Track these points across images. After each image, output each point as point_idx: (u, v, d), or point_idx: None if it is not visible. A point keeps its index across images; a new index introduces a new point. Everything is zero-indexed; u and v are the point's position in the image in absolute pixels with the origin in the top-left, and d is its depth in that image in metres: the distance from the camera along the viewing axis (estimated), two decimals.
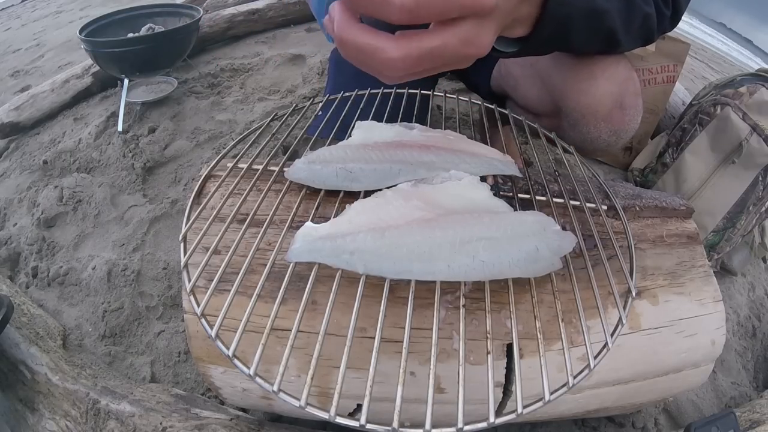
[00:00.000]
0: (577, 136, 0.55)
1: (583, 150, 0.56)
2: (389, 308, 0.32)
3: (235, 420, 0.52)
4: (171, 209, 0.93)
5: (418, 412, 0.31)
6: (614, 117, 0.52)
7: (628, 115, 0.52)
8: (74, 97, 1.24)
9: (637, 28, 0.45)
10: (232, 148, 0.50)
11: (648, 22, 0.46)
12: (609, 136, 0.53)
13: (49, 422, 0.55)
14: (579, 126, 0.54)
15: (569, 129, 0.55)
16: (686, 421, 0.64)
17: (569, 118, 0.54)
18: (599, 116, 0.52)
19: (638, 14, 0.44)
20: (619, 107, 0.51)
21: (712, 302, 0.47)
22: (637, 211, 0.49)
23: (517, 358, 0.31)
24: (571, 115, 0.53)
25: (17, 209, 0.97)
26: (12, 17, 2.36)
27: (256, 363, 0.29)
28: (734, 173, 0.80)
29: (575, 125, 0.54)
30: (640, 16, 0.45)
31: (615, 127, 0.53)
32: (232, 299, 0.31)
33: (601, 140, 0.54)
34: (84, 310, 0.77)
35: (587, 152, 0.57)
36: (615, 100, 0.51)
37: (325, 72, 1.33)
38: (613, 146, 0.56)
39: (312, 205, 0.41)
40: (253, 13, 1.58)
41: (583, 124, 0.53)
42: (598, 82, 0.50)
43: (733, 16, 2.55)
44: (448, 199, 0.37)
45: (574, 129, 0.54)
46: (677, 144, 0.90)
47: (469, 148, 0.44)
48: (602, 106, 0.51)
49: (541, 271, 0.34)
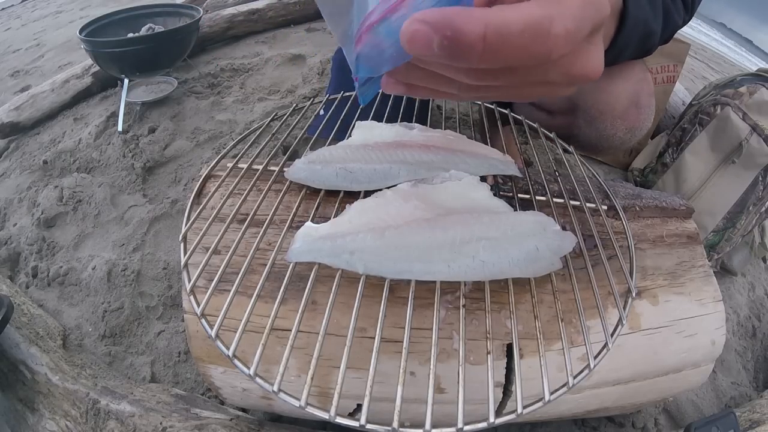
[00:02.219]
0: (593, 133, 0.56)
1: (597, 147, 0.58)
2: (389, 308, 0.32)
3: (235, 420, 0.52)
4: (171, 209, 0.93)
5: (418, 412, 0.31)
6: (630, 115, 0.54)
7: (643, 113, 0.54)
8: (74, 97, 1.24)
9: (666, 39, 0.47)
10: (232, 148, 0.50)
11: (674, 31, 0.47)
12: (624, 133, 0.55)
13: (49, 422, 0.55)
14: (596, 123, 0.55)
15: (585, 126, 0.56)
16: (686, 421, 0.64)
17: (586, 116, 0.55)
18: (616, 114, 0.54)
19: (671, 28, 0.46)
20: (635, 106, 0.53)
21: (712, 302, 0.47)
22: (637, 211, 0.49)
23: (517, 358, 0.31)
24: (589, 112, 0.55)
25: (17, 209, 0.97)
26: (12, 17, 2.36)
27: (256, 363, 0.29)
28: (734, 173, 0.80)
29: (592, 122, 0.55)
30: (671, 29, 0.46)
31: (630, 124, 0.55)
32: (232, 299, 0.31)
33: (617, 137, 0.56)
34: (84, 310, 0.77)
35: (601, 149, 0.59)
36: (631, 99, 0.53)
37: (325, 72, 1.33)
38: (626, 144, 0.58)
39: (312, 205, 0.41)
40: (253, 13, 1.58)
41: (600, 121, 0.55)
42: (615, 81, 0.52)
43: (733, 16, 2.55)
44: (448, 199, 0.37)
45: (590, 126, 0.56)
46: (677, 144, 0.90)
47: (469, 148, 0.44)
48: (619, 104, 0.53)
49: (541, 271, 0.34)
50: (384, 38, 0.22)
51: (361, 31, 0.23)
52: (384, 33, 0.22)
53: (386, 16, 0.21)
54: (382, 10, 0.22)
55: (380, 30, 0.22)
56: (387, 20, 0.22)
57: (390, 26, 0.21)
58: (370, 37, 0.22)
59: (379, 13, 0.22)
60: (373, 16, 0.22)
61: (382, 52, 0.23)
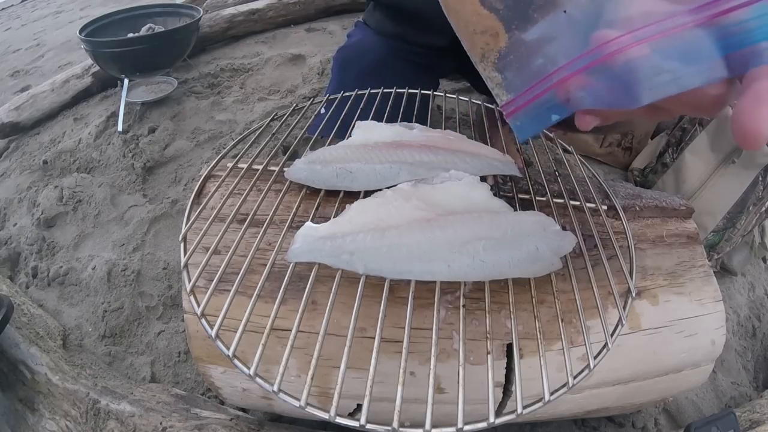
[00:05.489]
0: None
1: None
2: (389, 308, 0.32)
3: (235, 420, 0.52)
4: (171, 209, 0.93)
5: (418, 412, 0.31)
6: None
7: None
8: (74, 97, 1.24)
9: None
10: (232, 148, 0.50)
11: None
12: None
13: (49, 422, 0.55)
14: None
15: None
16: (686, 421, 0.64)
17: None
18: None
19: None
20: None
21: (712, 302, 0.47)
22: (637, 211, 0.49)
23: (517, 358, 0.31)
24: None
25: (17, 209, 0.97)
26: (12, 17, 2.36)
27: (256, 363, 0.29)
28: (734, 173, 0.80)
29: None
30: None
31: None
32: (232, 299, 0.31)
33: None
34: (84, 310, 0.77)
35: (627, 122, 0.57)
36: None
37: (325, 72, 1.33)
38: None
39: (312, 205, 0.41)
40: (253, 13, 1.58)
41: None
42: None
43: None
44: (448, 199, 0.37)
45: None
46: (677, 144, 0.90)
47: (469, 148, 0.44)
48: None
49: (541, 271, 0.34)
50: (606, 82, 0.23)
51: (571, 72, 0.23)
52: (605, 77, 0.22)
53: (603, 61, 0.22)
54: (596, 56, 0.22)
55: (600, 74, 0.23)
56: (605, 65, 0.22)
57: (612, 72, 0.22)
58: (584, 79, 0.23)
59: (592, 58, 0.22)
60: (585, 59, 0.23)
61: (601, 94, 0.23)
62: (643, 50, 0.21)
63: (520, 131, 0.28)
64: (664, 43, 0.21)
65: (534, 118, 0.27)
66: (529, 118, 0.27)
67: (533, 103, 0.26)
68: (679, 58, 0.21)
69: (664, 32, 0.21)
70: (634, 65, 0.21)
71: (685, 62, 0.21)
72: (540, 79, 0.25)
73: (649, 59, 0.21)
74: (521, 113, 0.27)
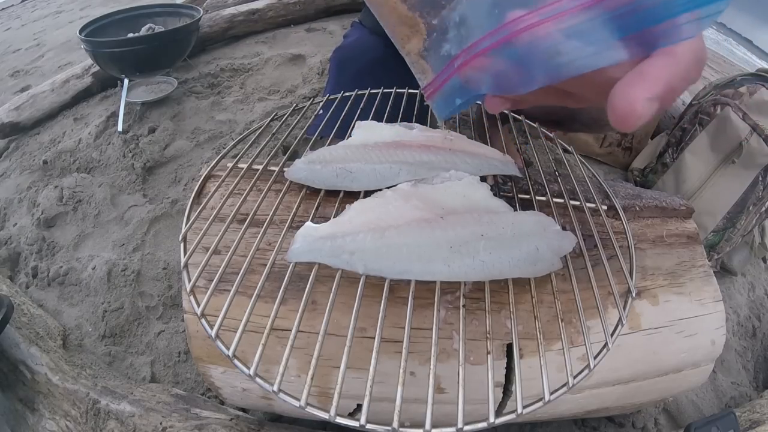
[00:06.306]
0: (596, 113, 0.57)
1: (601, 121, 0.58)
2: (389, 308, 0.32)
3: (235, 420, 0.52)
4: (171, 209, 0.93)
5: (418, 412, 0.31)
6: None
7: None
8: (74, 97, 1.24)
9: None
10: (232, 148, 0.50)
11: None
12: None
13: (49, 422, 0.55)
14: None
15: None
16: (686, 421, 0.64)
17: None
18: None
19: None
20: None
21: (712, 302, 0.47)
22: (637, 211, 0.49)
23: (517, 358, 0.31)
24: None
25: (17, 209, 0.97)
26: (12, 17, 2.36)
27: (256, 363, 0.29)
28: (734, 173, 0.80)
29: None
30: None
31: None
32: (232, 299, 0.31)
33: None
34: (84, 310, 0.77)
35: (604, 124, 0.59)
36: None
37: (325, 72, 1.33)
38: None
39: (312, 205, 0.41)
40: (253, 13, 1.58)
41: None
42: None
43: (733, 16, 2.54)
44: (448, 199, 0.37)
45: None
46: (677, 144, 0.90)
47: (469, 148, 0.44)
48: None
49: (541, 271, 0.34)
50: (506, 63, 0.22)
51: (472, 54, 0.23)
52: (506, 58, 0.22)
53: (507, 40, 0.21)
54: (500, 36, 0.21)
55: (501, 54, 0.22)
56: (509, 45, 0.21)
57: (514, 52, 0.21)
58: (483, 60, 0.23)
59: (495, 38, 0.22)
60: (486, 41, 0.22)
61: (499, 76, 0.23)
62: (539, 32, 0.20)
63: (437, 111, 0.29)
64: (560, 23, 0.20)
65: (445, 100, 0.28)
66: (443, 100, 0.28)
67: (443, 86, 0.27)
68: (577, 38, 0.20)
69: (561, 13, 0.20)
70: (529, 48, 0.21)
71: (582, 43, 0.20)
72: (447, 63, 0.26)
73: (545, 41, 0.20)
74: (437, 95, 0.28)
